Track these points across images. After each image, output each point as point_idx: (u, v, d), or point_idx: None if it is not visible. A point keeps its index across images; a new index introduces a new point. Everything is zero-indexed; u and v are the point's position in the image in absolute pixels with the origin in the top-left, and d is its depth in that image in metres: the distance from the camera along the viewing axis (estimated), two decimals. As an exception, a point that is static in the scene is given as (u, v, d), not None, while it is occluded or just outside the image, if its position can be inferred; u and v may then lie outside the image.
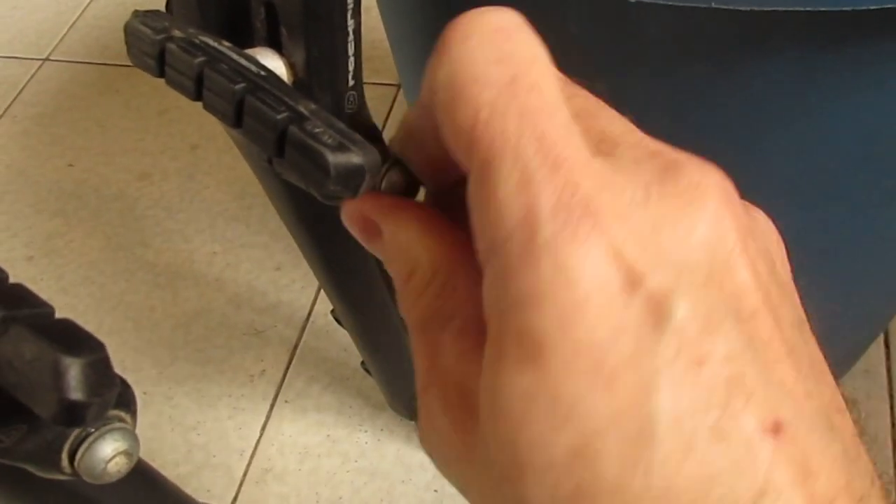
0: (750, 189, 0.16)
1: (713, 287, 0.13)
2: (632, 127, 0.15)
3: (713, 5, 0.21)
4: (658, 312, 0.13)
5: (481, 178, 0.13)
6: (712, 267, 0.13)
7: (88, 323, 0.87)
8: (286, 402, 0.73)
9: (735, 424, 0.12)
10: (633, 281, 0.13)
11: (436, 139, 0.15)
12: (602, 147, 0.14)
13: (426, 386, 0.16)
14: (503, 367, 0.13)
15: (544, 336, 0.13)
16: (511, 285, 0.13)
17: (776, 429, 0.13)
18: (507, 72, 0.14)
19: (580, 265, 0.13)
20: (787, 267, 0.16)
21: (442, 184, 0.18)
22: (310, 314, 0.79)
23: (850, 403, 0.15)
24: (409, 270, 0.17)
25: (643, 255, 0.13)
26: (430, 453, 0.16)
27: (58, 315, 0.17)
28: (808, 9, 0.21)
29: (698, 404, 0.12)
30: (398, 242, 0.17)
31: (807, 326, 0.15)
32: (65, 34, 1.12)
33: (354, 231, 0.19)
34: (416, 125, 0.17)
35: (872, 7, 0.21)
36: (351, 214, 0.18)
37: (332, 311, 0.56)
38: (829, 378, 0.15)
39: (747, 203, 0.15)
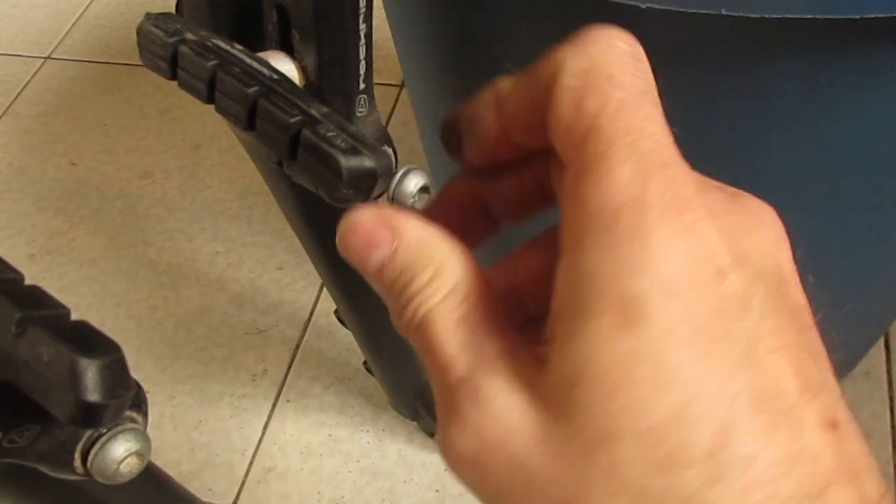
0: (755, 193, 0.16)
1: (781, 296, 0.15)
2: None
3: (723, 12, 0.21)
4: (741, 304, 0.14)
5: (595, 160, 0.15)
6: (779, 278, 0.15)
7: (90, 322, 0.87)
8: (288, 401, 0.74)
9: (805, 414, 0.14)
10: (722, 270, 0.14)
11: (524, 112, 0.17)
12: None
13: (479, 373, 0.16)
14: (598, 334, 0.14)
15: (650, 302, 0.14)
16: (618, 255, 0.14)
17: (834, 425, 0.14)
18: (639, 84, 0.16)
19: (686, 245, 0.14)
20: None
21: (488, 160, 0.19)
22: (312, 314, 0.79)
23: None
24: (434, 271, 0.17)
25: (730, 252, 0.15)
26: (467, 452, 0.16)
27: (68, 315, 0.18)
28: (816, 16, 0.21)
29: (774, 390, 0.14)
30: (419, 244, 0.17)
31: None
32: (67, 32, 1.12)
33: (354, 242, 0.18)
34: (508, 95, 0.18)
35: (880, 15, 0.21)
36: (358, 224, 0.18)
37: (336, 312, 0.56)
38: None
39: None
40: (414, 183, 0.20)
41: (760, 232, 0.16)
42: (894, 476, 0.64)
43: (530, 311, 0.20)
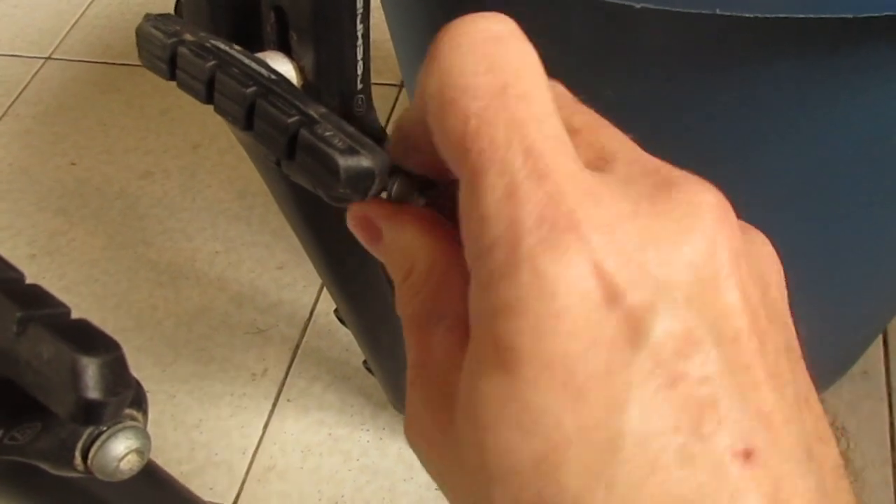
0: (751, 193, 0.16)
1: (696, 307, 0.13)
2: (632, 145, 0.15)
3: (717, 12, 0.21)
4: (635, 329, 0.13)
5: (470, 187, 0.13)
6: (698, 286, 0.13)
7: (91, 321, 0.87)
8: (288, 400, 0.74)
9: (704, 448, 0.12)
10: (612, 295, 0.13)
11: (429, 144, 0.15)
12: (598, 163, 0.15)
13: (413, 380, 0.16)
14: (480, 371, 0.14)
15: (519, 345, 0.13)
16: (492, 294, 0.13)
17: (747, 455, 0.13)
18: (496, 81, 0.13)
19: (559, 277, 0.13)
20: (784, 292, 0.16)
21: (440, 185, 0.19)
22: (312, 313, 0.80)
23: (840, 431, 0.15)
24: (407, 269, 0.17)
25: (625, 270, 0.13)
26: (412, 446, 0.16)
27: (68, 314, 0.18)
28: (810, 15, 0.21)
29: (667, 425, 0.12)
30: (398, 243, 0.17)
31: (797, 353, 0.15)
32: (67, 33, 1.12)
33: (359, 234, 0.19)
34: (410, 130, 0.17)
35: (874, 14, 0.21)
36: (356, 218, 0.19)
37: (336, 311, 0.56)
38: (815, 406, 0.15)
39: (746, 224, 0.15)
40: (404, 189, 0.20)
41: (677, 234, 0.13)
42: (893, 476, 0.64)
43: None
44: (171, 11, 0.29)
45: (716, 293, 0.13)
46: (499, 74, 0.14)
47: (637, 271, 0.13)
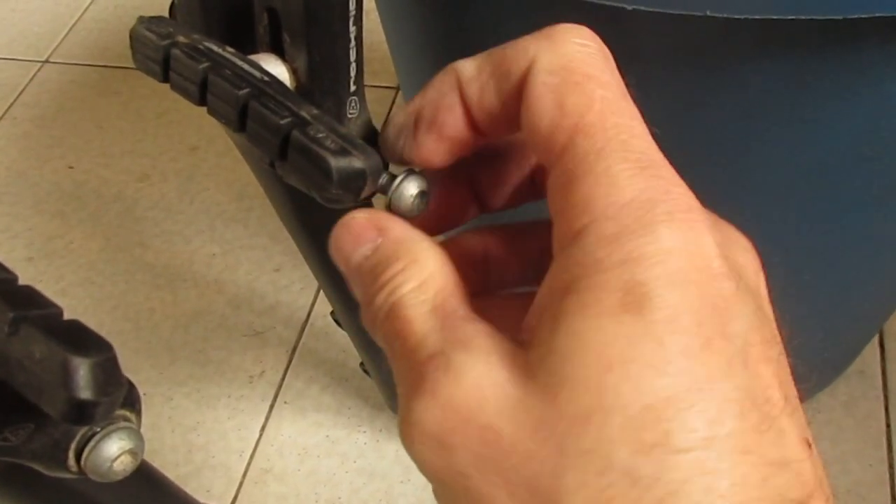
0: (745, 192, 0.17)
1: (763, 317, 0.16)
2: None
3: (707, 13, 0.21)
4: (735, 310, 0.15)
5: (591, 158, 0.15)
6: (760, 300, 0.16)
7: (88, 324, 0.87)
8: (285, 402, 0.74)
9: (788, 426, 0.14)
10: (718, 275, 0.15)
11: (490, 100, 0.17)
12: None
13: (453, 347, 0.15)
14: (600, 313, 0.14)
15: (656, 290, 0.14)
16: (626, 245, 0.14)
17: (809, 444, 0.15)
18: (618, 83, 0.16)
19: (690, 244, 0.14)
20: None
21: (452, 151, 0.19)
22: (309, 315, 0.80)
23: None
24: (406, 263, 0.17)
25: (724, 261, 0.15)
26: (433, 427, 0.15)
27: (62, 316, 0.18)
28: (800, 17, 0.21)
29: (763, 396, 0.14)
30: (398, 241, 0.18)
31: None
32: (64, 36, 1.12)
33: (343, 238, 0.18)
34: (470, 81, 0.18)
35: (863, 15, 0.21)
36: (350, 222, 0.18)
37: (332, 313, 0.56)
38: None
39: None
40: (413, 187, 0.20)
41: (744, 254, 0.17)
42: (889, 476, 0.65)
43: (491, 208, 0.20)
44: (167, 14, 0.29)
45: (768, 312, 0.16)
46: (618, 80, 0.16)
47: (730, 266, 0.15)
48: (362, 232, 0.18)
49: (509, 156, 0.20)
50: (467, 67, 0.18)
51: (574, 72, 0.16)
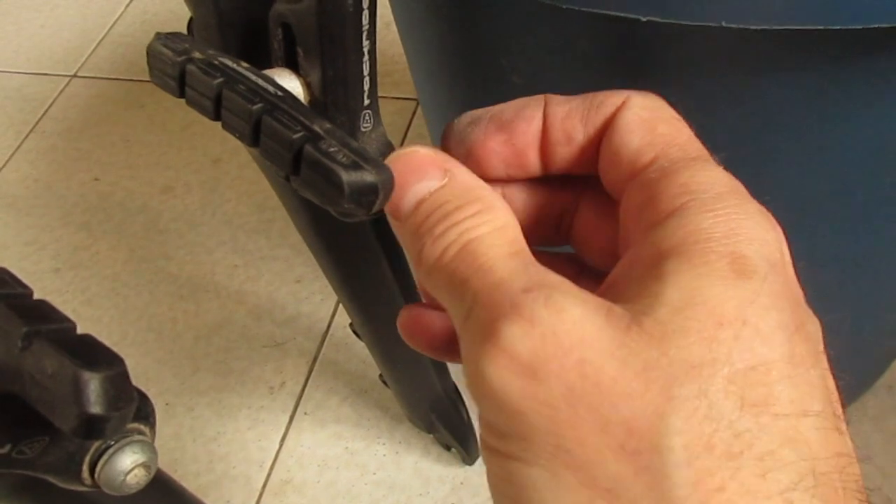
0: (766, 203, 0.17)
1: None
2: None
3: (723, 24, 0.21)
4: (805, 310, 0.16)
5: (688, 161, 0.17)
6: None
7: (112, 334, 0.88)
8: (305, 413, 0.74)
9: (841, 426, 0.15)
10: (795, 279, 0.16)
11: (571, 126, 0.18)
12: None
13: (548, 287, 0.15)
14: (711, 274, 0.15)
15: (758, 264, 0.15)
16: (729, 223, 0.16)
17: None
18: (686, 131, 0.18)
19: (771, 234, 0.16)
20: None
21: (501, 167, 0.20)
22: (329, 326, 0.80)
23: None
24: (482, 207, 0.17)
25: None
26: (527, 353, 0.14)
27: (82, 326, 0.18)
28: (818, 27, 0.21)
29: (833, 395, 0.16)
30: (470, 185, 0.18)
31: None
32: (92, 51, 1.14)
33: (403, 166, 0.18)
34: (556, 107, 0.19)
35: (882, 25, 0.21)
36: (414, 153, 0.19)
37: (351, 325, 0.56)
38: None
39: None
40: None
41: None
42: (921, 492, 0.63)
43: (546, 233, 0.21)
44: (185, 29, 0.29)
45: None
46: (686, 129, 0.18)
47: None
48: (427, 167, 0.18)
49: (543, 196, 0.20)
50: (557, 96, 0.19)
51: (664, 112, 0.18)
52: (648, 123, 0.18)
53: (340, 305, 0.81)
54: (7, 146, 1.03)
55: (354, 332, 0.55)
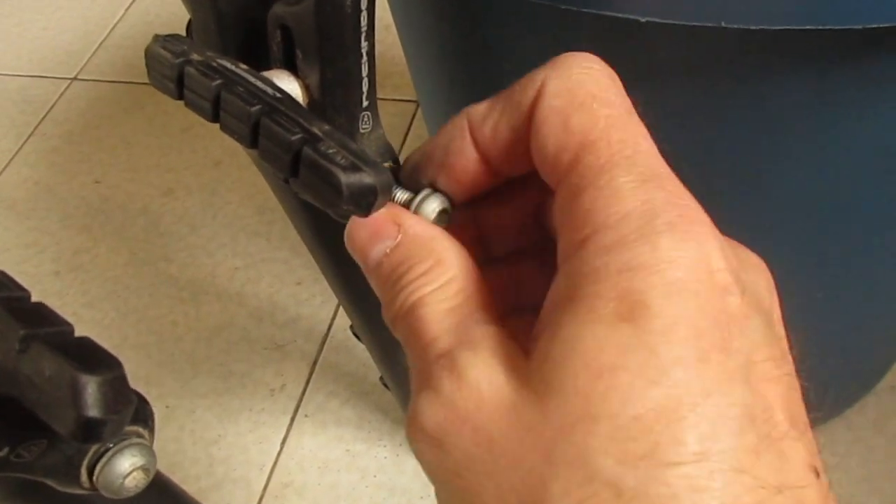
0: (765, 206, 0.16)
1: (773, 336, 0.15)
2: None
3: (723, 24, 0.21)
4: (740, 325, 0.14)
5: (594, 172, 0.15)
6: (770, 320, 0.16)
7: (112, 337, 0.88)
8: (306, 416, 0.74)
9: (792, 449, 0.14)
10: (724, 287, 0.14)
11: (503, 137, 0.17)
12: None
13: (460, 347, 0.15)
14: (595, 321, 0.14)
15: (654, 298, 0.14)
16: (625, 254, 0.14)
17: (817, 472, 0.14)
18: (623, 103, 0.16)
19: (692, 254, 0.14)
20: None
21: (465, 193, 0.19)
22: (329, 329, 0.80)
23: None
24: (431, 263, 0.17)
25: (732, 274, 0.15)
26: (432, 425, 0.15)
27: (82, 329, 0.18)
28: (818, 27, 0.21)
29: (765, 415, 0.14)
30: (425, 235, 0.18)
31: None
32: (93, 54, 1.14)
33: (361, 233, 0.19)
34: (483, 120, 0.18)
35: (882, 25, 0.21)
36: (368, 218, 0.18)
37: (351, 327, 0.56)
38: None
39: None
40: (433, 207, 0.20)
41: (756, 273, 0.16)
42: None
43: (493, 253, 0.20)
44: (184, 32, 0.29)
45: (779, 333, 0.16)
46: (624, 100, 0.16)
47: (739, 281, 0.15)
48: (381, 227, 0.18)
49: (513, 196, 0.20)
50: (479, 109, 0.18)
51: (578, 93, 0.16)
52: (561, 116, 0.16)
53: (341, 308, 0.81)
54: (8, 148, 1.03)
55: (355, 335, 0.55)
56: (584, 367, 0.14)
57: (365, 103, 0.24)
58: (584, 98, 0.16)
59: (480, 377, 0.15)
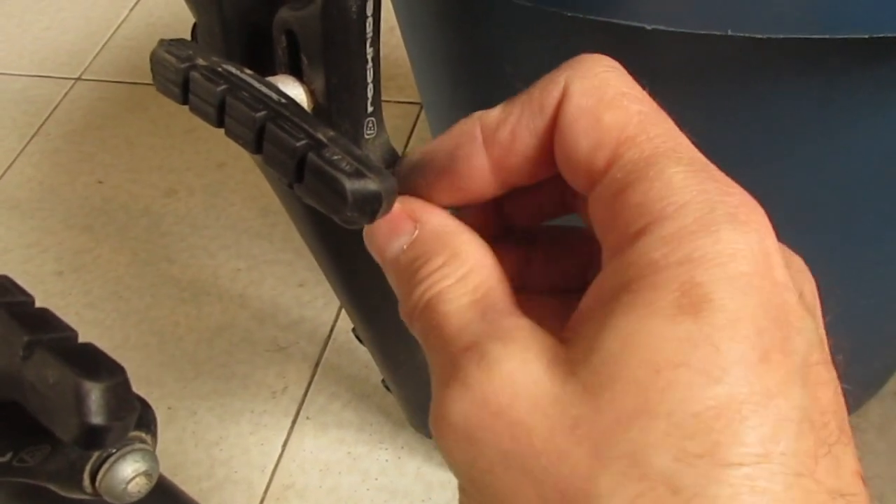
0: (772, 212, 0.16)
1: (821, 340, 0.15)
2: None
3: (729, 32, 0.21)
4: (797, 323, 0.14)
5: (640, 166, 0.15)
6: (818, 324, 0.15)
7: (114, 337, 0.88)
8: (308, 418, 0.74)
9: (844, 454, 0.14)
10: (782, 284, 0.14)
11: (522, 143, 0.16)
12: None
13: (489, 339, 0.15)
14: (653, 313, 0.13)
15: (717, 292, 0.13)
16: (686, 246, 0.14)
17: (863, 479, 0.14)
18: (651, 101, 0.16)
19: (753, 249, 0.14)
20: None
21: (469, 198, 0.18)
22: (332, 331, 0.80)
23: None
24: (447, 257, 0.17)
25: (787, 272, 0.14)
26: (463, 420, 0.14)
27: (84, 330, 0.18)
28: (824, 36, 0.21)
29: (822, 420, 0.14)
30: (438, 233, 0.17)
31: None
32: (96, 54, 1.14)
33: (378, 230, 0.18)
34: (497, 127, 0.17)
35: (889, 35, 0.21)
36: (397, 215, 0.18)
37: (353, 330, 0.56)
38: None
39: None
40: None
41: (800, 274, 0.16)
42: (925, 500, 0.62)
43: (510, 221, 0.19)
44: (189, 35, 0.29)
45: (825, 337, 0.16)
46: (646, 94, 0.16)
47: (792, 280, 0.15)
48: (397, 223, 0.18)
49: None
50: (493, 114, 0.17)
51: (607, 92, 0.16)
52: (593, 115, 0.15)
53: (343, 310, 0.81)
54: (11, 149, 1.03)
55: (357, 337, 0.55)
56: (642, 360, 0.13)
57: (370, 109, 0.24)
58: (614, 96, 0.15)
59: (515, 370, 0.14)
